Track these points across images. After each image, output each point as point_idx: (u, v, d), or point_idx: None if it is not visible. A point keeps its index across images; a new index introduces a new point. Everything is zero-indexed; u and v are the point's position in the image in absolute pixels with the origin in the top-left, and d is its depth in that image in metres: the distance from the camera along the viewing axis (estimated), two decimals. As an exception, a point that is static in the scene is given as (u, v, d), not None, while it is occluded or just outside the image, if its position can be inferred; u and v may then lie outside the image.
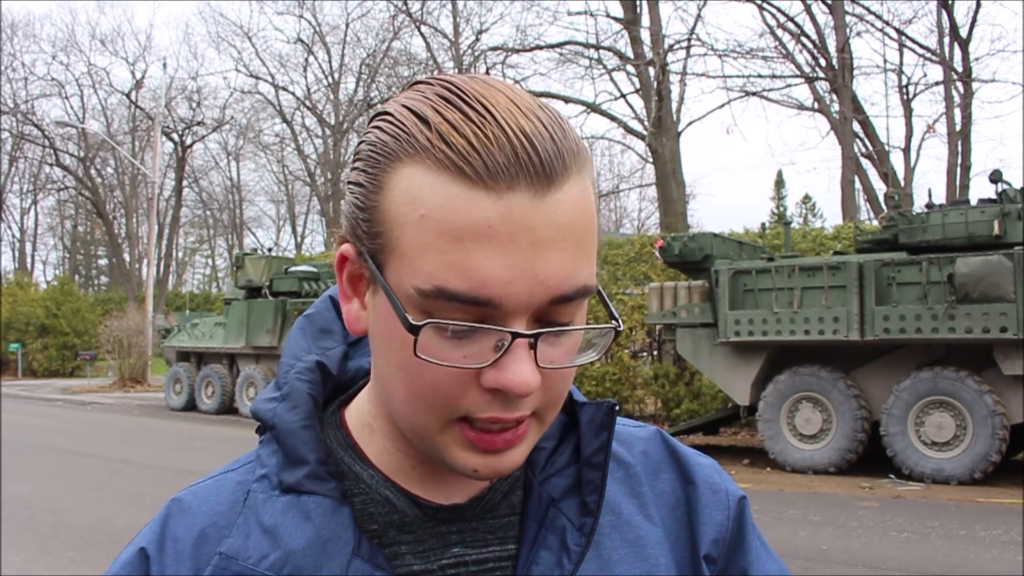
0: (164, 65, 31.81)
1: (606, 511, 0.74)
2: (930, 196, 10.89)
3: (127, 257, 41.63)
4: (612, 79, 22.15)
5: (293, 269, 17.91)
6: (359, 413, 0.74)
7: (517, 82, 23.40)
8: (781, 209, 47.46)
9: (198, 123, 38.24)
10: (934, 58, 21.95)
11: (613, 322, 0.66)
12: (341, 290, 0.69)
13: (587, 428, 0.75)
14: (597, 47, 21.79)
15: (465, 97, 0.60)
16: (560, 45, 22.39)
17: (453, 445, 0.64)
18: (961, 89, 21.21)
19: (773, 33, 21.83)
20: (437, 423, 0.63)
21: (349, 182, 0.66)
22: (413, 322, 0.60)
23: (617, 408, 0.75)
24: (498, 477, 0.66)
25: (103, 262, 52.26)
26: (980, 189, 44.44)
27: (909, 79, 23.28)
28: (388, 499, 0.70)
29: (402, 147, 0.61)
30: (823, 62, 21.51)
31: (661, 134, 19.82)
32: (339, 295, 0.70)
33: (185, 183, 40.48)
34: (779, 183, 48.55)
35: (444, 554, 0.70)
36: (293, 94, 37.69)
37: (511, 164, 0.58)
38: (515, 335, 0.60)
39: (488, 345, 0.60)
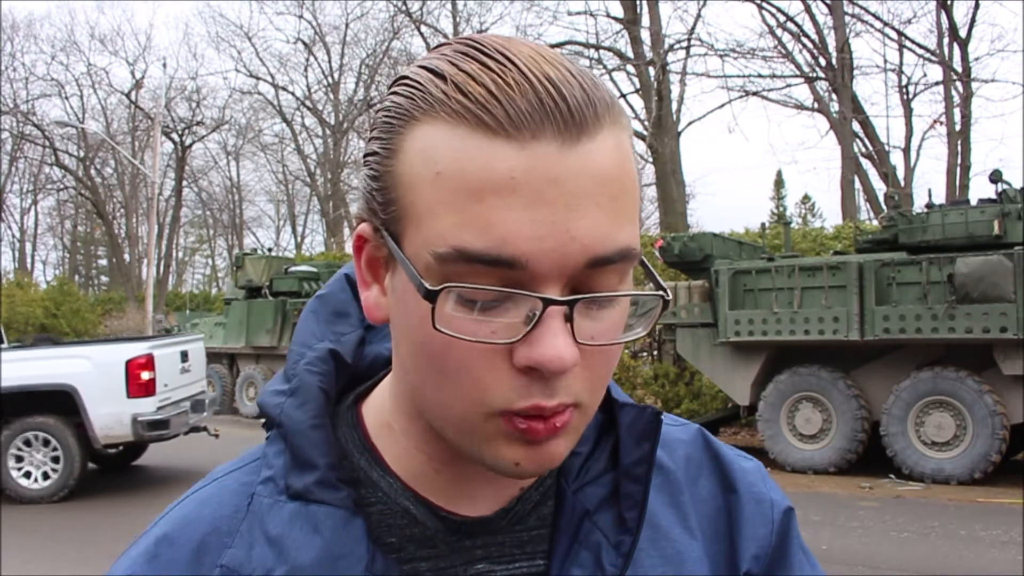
0: (164, 65, 31.73)
1: (645, 525, 0.67)
2: (930, 196, 10.88)
3: (127, 257, 41.61)
4: (612, 79, 22.13)
5: (293, 269, 17.91)
6: (378, 410, 0.68)
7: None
8: (781, 209, 47.42)
9: (198, 123, 38.21)
10: (934, 58, 21.96)
11: (660, 291, 0.59)
12: (359, 276, 0.63)
13: (627, 434, 0.68)
14: (597, 47, 21.80)
15: (484, 48, 0.55)
16: (560, 45, 22.35)
17: (494, 438, 0.57)
18: (961, 89, 21.21)
19: (773, 33, 21.85)
20: (477, 414, 0.56)
21: (365, 155, 0.60)
22: (429, 287, 0.53)
23: (662, 416, 0.69)
24: (540, 473, 0.59)
25: (103, 262, 52.22)
26: (980, 189, 44.45)
27: (909, 79, 23.33)
28: (408, 510, 0.64)
29: (416, 105, 0.55)
30: (823, 62, 21.53)
31: (661, 134, 19.82)
32: (358, 281, 0.63)
33: (185, 183, 40.45)
34: (779, 183, 48.54)
35: (467, 571, 0.65)
36: (293, 94, 37.70)
37: (535, 111, 0.52)
38: (547, 302, 0.53)
39: (519, 318, 0.54)
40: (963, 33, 21.35)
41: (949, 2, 21.12)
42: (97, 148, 37.95)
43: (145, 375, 8.70)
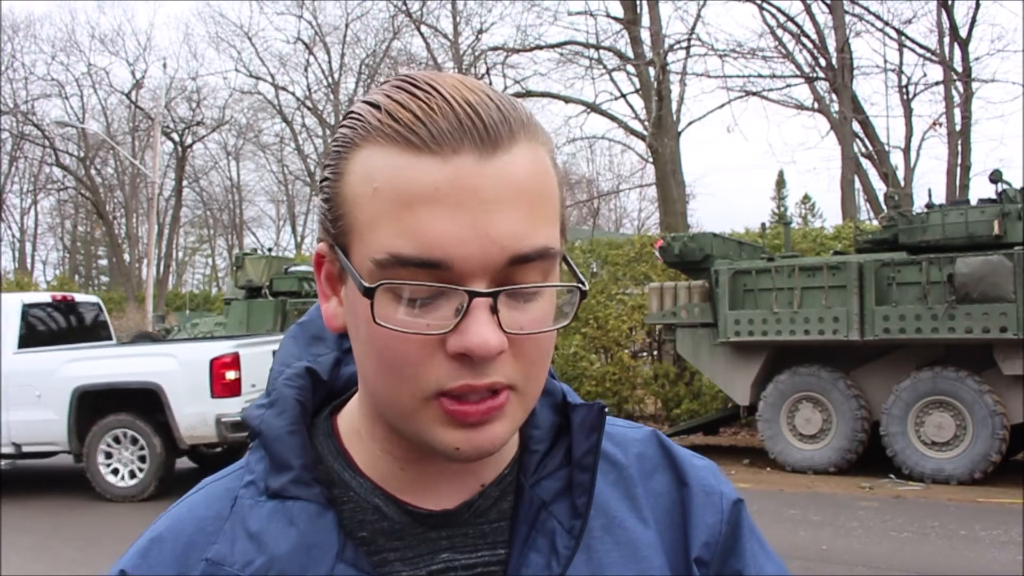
0: (164, 65, 31.70)
1: (598, 514, 0.74)
2: (930, 196, 10.89)
3: (127, 257, 41.59)
4: (612, 79, 22.14)
5: (293, 269, 17.89)
6: (349, 419, 0.74)
7: (517, 82, 23.41)
8: (781, 209, 47.43)
9: (198, 123, 38.19)
10: (934, 58, 21.95)
11: (577, 283, 0.66)
12: (320, 290, 0.70)
13: (578, 430, 0.74)
14: (597, 47, 21.77)
15: (415, 81, 0.63)
16: (560, 45, 22.37)
17: (433, 423, 0.63)
18: (961, 89, 21.21)
19: (773, 33, 21.83)
20: (412, 399, 0.63)
21: (319, 181, 0.68)
22: (366, 285, 0.61)
23: (607, 410, 0.75)
24: (481, 456, 0.65)
25: (103, 262, 52.21)
26: (980, 189, 44.42)
27: (909, 79, 23.30)
28: (377, 507, 0.70)
29: (357, 133, 0.63)
30: (823, 62, 21.51)
31: (661, 134, 19.79)
32: (319, 295, 0.70)
33: (185, 183, 40.42)
34: (779, 183, 48.55)
35: (433, 560, 0.70)
36: (293, 94, 37.68)
37: (455, 129, 0.60)
38: (472, 294, 0.60)
39: (450, 311, 0.61)
40: (963, 33, 21.34)
41: (949, 2, 21.12)
42: (97, 148, 37.93)
43: (230, 375, 8.55)
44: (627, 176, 39.03)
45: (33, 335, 9.60)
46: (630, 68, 21.32)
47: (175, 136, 37.90)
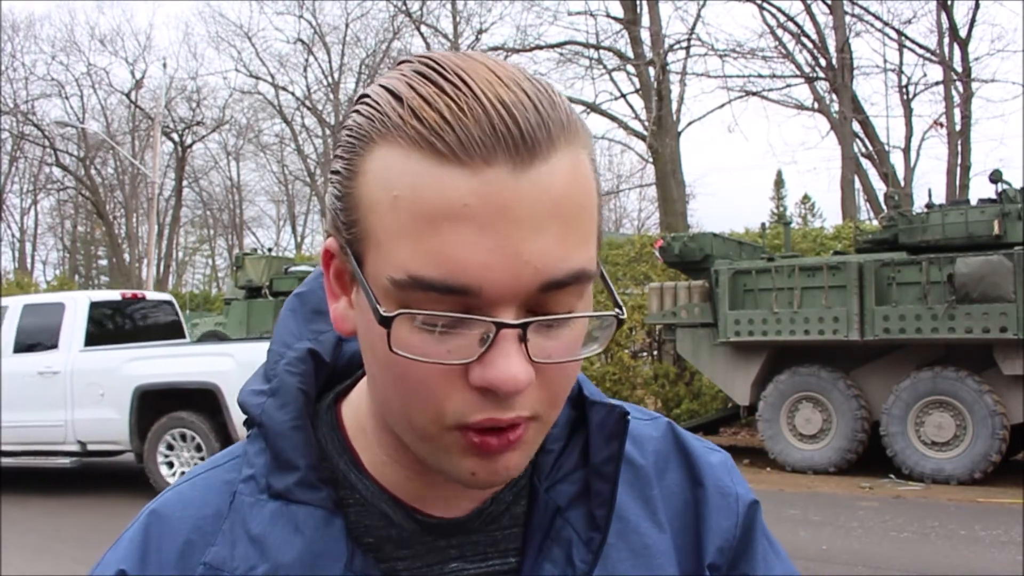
0: (164, 65, 31.69)
1: (614, 519, 0.69)
2: (930, 196, 10.90)
3: (127, 257, 41.59)
4: (612, 79, 22.15)
5: (293, 269, 17.88)
6: (355, 414, 0.69)
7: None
8: (781, 209, 47.40)
9: (198, 123, 38.21)
10: (934, 58, 21.97)
11: (616, 310, 0.59)
12: (328, 288, 0.64)
13: (597, 432, 0.69)
14: (597, 47, 21.79)
15: (442, 70, 0.55)
16: (560, 45, 22.38)
17: (453, 450, 0.58)
18: (961, 89, 21.22)
19: (773, 33, 21.85)
20: (435, 427, 0.58)
21: (330, 171, 0.61)
22: (384, 313, 0.55)
23: (629, 416, 0.70)
24: (496, 484, 0.60)
25: (103, 262, 52.18)
26: (980, 189, 44.40)
27: (909, 79, 23.34)
28: (385, 513, 0.66)
29: (375, 128, 0.56)
30: (823, 62, 21.53)
31: (661, 134, 19.80)
32: (327, 293, 0.65)
33: (185, 183, 40.46)
34: (779, 183, 48.53)
35: (443, 569, 0.67)
36: (293, 94, 37.67)
37: (487, 136, 0.53)
38: (500, 325, 0.54)
39: (474, 338, 0.55)
40: (963, 33, 21.37)
41: (949, 2, 21.13)
42: (97, 148, 37.94)
43: None
44: (627, 176, 39.00)
45: (102, 333, 9.63)
46: (630, 68, 21.34)
47: (175, 136, 37.92)
